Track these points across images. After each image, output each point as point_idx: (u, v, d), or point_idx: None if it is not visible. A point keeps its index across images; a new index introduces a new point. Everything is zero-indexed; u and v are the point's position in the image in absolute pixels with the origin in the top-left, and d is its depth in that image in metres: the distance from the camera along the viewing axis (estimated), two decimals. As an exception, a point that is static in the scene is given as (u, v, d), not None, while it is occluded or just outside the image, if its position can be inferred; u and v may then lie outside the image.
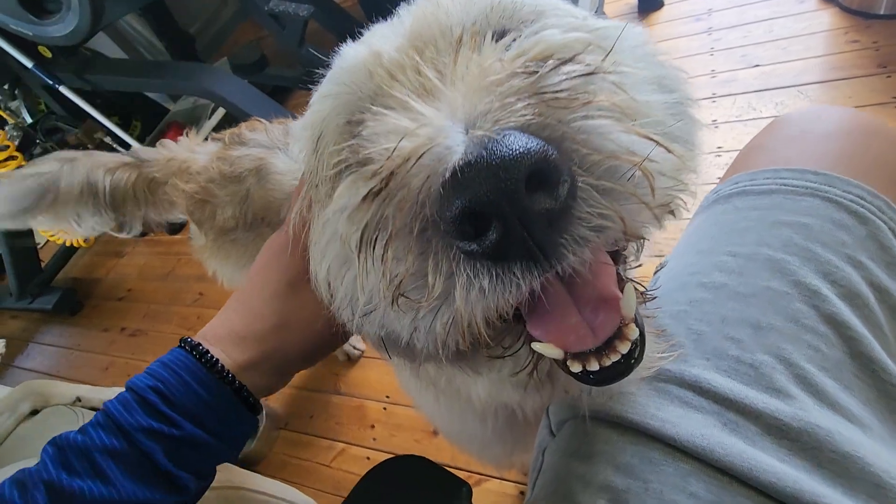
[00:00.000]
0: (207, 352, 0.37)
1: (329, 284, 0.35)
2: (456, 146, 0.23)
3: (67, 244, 2.08)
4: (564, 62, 0.26)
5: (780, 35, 1.51)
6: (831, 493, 0.28)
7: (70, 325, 2.19)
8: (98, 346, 2.01)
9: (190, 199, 0.93)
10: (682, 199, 0.29)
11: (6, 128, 1.93)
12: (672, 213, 0.30)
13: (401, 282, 0.27)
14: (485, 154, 0.22)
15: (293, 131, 0.88)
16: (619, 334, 0.28)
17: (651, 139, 0.25)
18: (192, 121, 2.26)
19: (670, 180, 0.26)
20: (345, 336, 0.40)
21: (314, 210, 0.38)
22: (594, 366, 0.28)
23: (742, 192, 0.43)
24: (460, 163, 0.22)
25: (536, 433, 0.49)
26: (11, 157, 1.78)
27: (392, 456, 0.50)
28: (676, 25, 1.73)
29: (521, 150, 0.22)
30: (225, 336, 0.39)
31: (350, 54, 0.36)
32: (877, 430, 0.32)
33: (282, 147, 0.87)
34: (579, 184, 0.24)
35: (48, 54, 1.72)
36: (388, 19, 0.39)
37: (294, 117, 0.90)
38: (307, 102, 0.41)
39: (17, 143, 1.94)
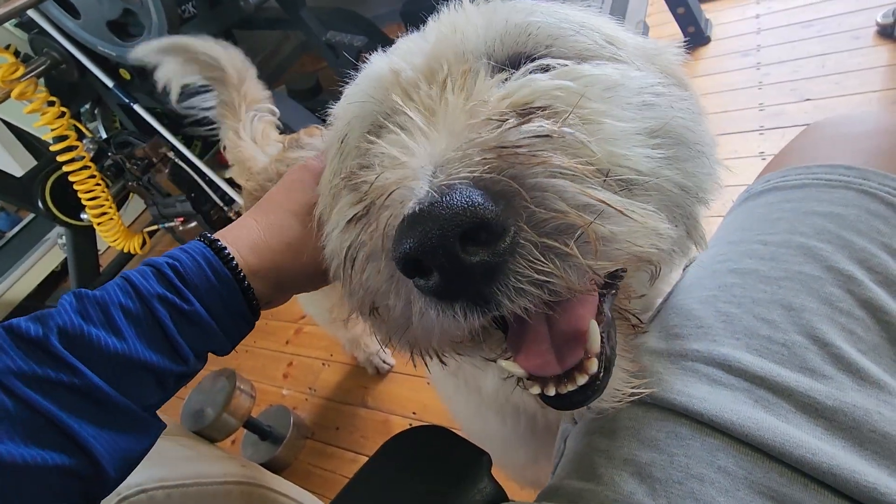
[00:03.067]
0: (225, 248, 0.40)
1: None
2: (417, 190, 0.26)
3: (126, 251, 2.21)
4: (528, 118, 0.27)
5: (834, 70, 1.48)
6: (873, 471, 0.27)
7: (120, 328, 2.30)
8: (143, 349, 2.10)
9: (249, 197, 0.99)
10: (650, 257, 0.28)
11: (84, 141, 2.11)
12: (650, 262, 0.30)
13: (374, 298, 0.30)
14: (428, 208, 0.24)
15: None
16: (580, 366, 0.29)
17: (603, 202, 0.25)
18: (247, 141, 2.40)
19: (623, 243, 0.26)
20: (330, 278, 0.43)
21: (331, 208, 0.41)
22: (551, 391, 0.29)
23: (774, 188, 0.42)
24: (409, 212, 0.25)
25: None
26: (86, 167, 1.93)
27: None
28: (723, 60, 1.73)
29: (460, 206, 0.23)
30: (241, 241, 0.41)
31: (375, 66, 0.39)
32: None
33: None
34: (520, 240, 0.24)
35: (127, 76, 1.90)
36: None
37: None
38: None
39: (91, 154, 2.11)
